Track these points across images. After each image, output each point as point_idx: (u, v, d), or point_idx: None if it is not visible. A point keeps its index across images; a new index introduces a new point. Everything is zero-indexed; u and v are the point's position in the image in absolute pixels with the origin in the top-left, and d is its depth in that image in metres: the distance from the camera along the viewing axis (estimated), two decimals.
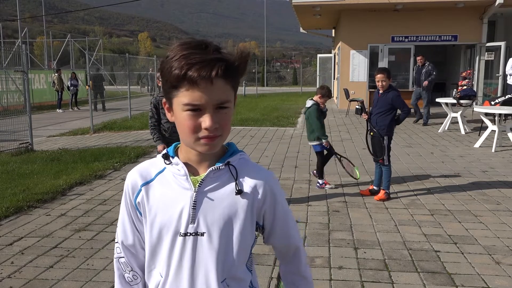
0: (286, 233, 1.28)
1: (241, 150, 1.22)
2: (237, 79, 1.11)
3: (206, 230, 1.13)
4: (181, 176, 1.15)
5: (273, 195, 1.20)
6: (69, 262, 3.74)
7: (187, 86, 1.04)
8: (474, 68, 16.16)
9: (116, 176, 6.75)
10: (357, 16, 16.05)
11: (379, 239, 4.16)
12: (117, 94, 24.65)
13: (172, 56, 1.05)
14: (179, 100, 1.07)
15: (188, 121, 1.06)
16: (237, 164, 1.18)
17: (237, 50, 1.09)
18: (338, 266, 3.60)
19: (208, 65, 1.02)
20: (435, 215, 4.81)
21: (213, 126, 1.06)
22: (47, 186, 5.96)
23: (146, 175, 1.19)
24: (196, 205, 1.13)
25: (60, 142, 10.24)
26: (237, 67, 1.08)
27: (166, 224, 1.14)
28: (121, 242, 1.25)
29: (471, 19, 15.57)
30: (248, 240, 1.20)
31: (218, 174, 1.16)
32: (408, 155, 8.08)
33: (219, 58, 1.04)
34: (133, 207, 1.20)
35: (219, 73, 1.03)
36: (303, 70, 43.91)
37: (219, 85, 1.05)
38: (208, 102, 1.05)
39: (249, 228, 1.18)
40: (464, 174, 6.62)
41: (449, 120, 11.00)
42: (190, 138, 1.08)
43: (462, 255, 3.79)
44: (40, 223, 4.71)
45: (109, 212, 5.06)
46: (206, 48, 1.05)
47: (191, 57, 1.03)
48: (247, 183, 1.17)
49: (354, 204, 5.25)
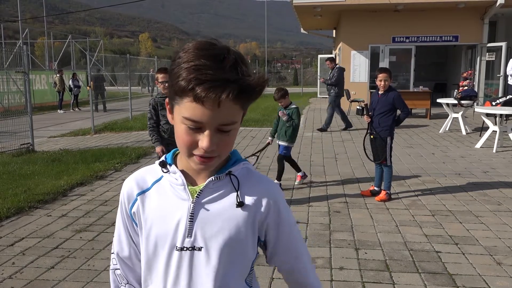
0: (292, 253, 1.17)
1: (244, 159, 1.13)
2: (249, 102, 1.00)
3: (203, 245, 1.05)
4: (179, 186, 1.07)
5: (277, 209, 1.11)
6: (70, 263, 3.74)
7: (191, 101, 0.93)
8: (475, 68, 16.16)
9: (117, 176, 6.76)
10: (358, 17, 16.05)
11: (380, 240, 4.15)
12: (118, 94, 24.66)
13: (184, 61, 0.94)
14: (180, 110, 0.97)
15: (185, 136, 0.97)
16: (239, 174, 1.09)
17: (257, 75, 0.98)
18: (339, 266, 3.60)
19: (220, 86, 0.91)
20: (436, 216, 4.81)
21: (210, 148, 0.96)
22: (48, 186, 5.97)
23: (142, 184, 1.11)
24: (193, 217, 1.05)
25: (61, 143, 10.25)
26: (252, 92, 0.96)
27: (162, 237, 1.06)
28: (116, 253, 1.19)
29: (472, 20, 15.57)
30: (249, 256, 1.11)
31: (218, 184, 1.07)
32: (409, 155, 8.07)
33: (233, 79, 0.92)
34: (129, 217, 1.13)
35: (230, 96, 0.91)
36: (304, 70, 43.88)
37: (226, 106, 0.93)
38: (209, 122, 0.94)
39: (251, 243, 1.10)
40: (465, 174, 6.62)
41: (450, 120, 10.99)
42: (185, 152, 1.01)
43: (463, 256, 3.78)
44: (41, 224, 4.72)
45: (110, 212, 5.06)
46: (222, 61, 0.93)
47: (202, 71, 0.91)
48: (249, 195, 1.08)
49: (355, 204, 5.24)
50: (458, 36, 15.85)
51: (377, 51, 16.33)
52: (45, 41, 28.92)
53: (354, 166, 7.23)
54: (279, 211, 1.12)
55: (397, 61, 16.42)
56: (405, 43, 16.15)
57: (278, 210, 1.11)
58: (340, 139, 10.04)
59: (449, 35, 15.91)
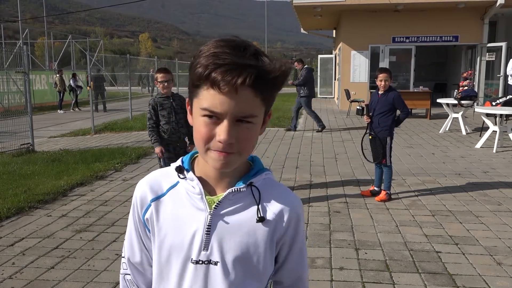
0: (296, 274, 1.13)
1: (267, 168, 1.07)
2: (271, 93, 0.95)
3: (219, 259, 1.00)
4: (196, 195, 1.01)
5: (296, 226, 1.06)
6: (70, 263, 3.74)
7: (208, 89, 0.90)
8: (475, 68, 16.16)
9: (117, 177, 6.76)
10: (358, 17, 16.05)
11: (380, 240, 4.15)
12: (118, 94, 24.66)
13: (204, 52, 0.91)
14: (198, 102, 0.93)
15: (203, 128, 0.93)
16: (261, 186, 1.03)
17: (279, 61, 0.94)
18: (339, 267, 3.60)
19: (237, 69, 0.88)
20: (436, 216, 4.81)
21: (228, 141, 0.91)
22: (48, 186, 5.97)
23: (157, 189, 1.06)
24: (210, 229, 1.00)
25: (61, 143, 10.25)
26: (272, 80, 0.92)
27: (177, 248, 1.02)
28: (127, 259, 1.14)
29: (472, 20, 15.57)
30: (267, 271, 1.06)
31: (238, 196, 1.01)
32: (409, 155, 8.07)
33: (253, 64, 0.89)
34: (141, 222, 1.08)
35: (247, 81, 0.87)
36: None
37: (245, 95, 0.90)
38: (227, 111, 0.90)
39: (269, 258, 1.04)
40: (465, 174, 6.62)
41: (450, 120, 10.99)
42: (202, 147, 0.95)
43: (463, 256, 3.78)
44: (41, 224, 4.72)
45: (110, 213, 5.06)
46: (243, 51, 0.90)
47: (221, 56, 0.88)
48: (270, 210, 1.03)
49: (355, 204, 5.24)
50: (458, 36, 15.85)
51: (377, 51, 16.33)
52: (45, 41, 28.94)
53: (354, 166, 7.23)
54: (297, 228, 1.07)
55: (397, 61, 16.43)
56: (405, 43, 16.16)
57: (296, 227, 1.07)
58: (340, 139, 10.04)
59: (449, 35, 15.91)
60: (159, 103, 4.61)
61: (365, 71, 16.49)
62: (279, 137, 10.39)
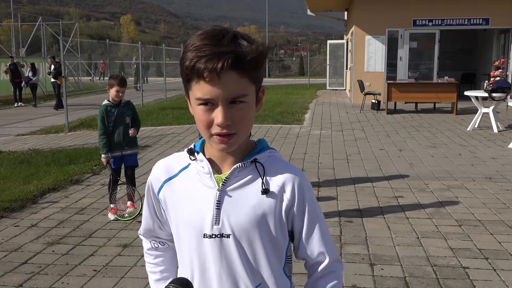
0: (317, 249, 1.30)
1: (272, 147, 1.31)
2: (254, 72, 1.17)
3: (231, 232, 1.22)
4: (205, 174, 1.25)
5: (302, 198, 1.26)
6: (41, 280, 3.74)
7: (197, 80, 1.14)
8: (508, 56, 16.18)
9: (95, 181, 6.77)
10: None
11: (398, 254, 4.17)
12: (96, 86, 24.68)
13: (188, 48, 1.15)
14: (193, 94, 1.17)
15: (203, 116, 1.16)
16: (265, 162, 1.26)
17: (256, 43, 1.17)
18: (351, 284, 3.61)
19: (215, 57, 1.10)
20: (463, 226, 4.82)
21: (225, 123, 1.14)
22: (15, 192, 5.97)
23: (170, 170, 1.31)
24: (220, 205, 1.23)
25: (30, 142, 10.26)
26: (251, 60, 1.14)
27: (190, 225, 1.25)
28: (143, 229, 1.43)
29: (505, 0, 15.58)
30: (281, 243, 1.27)
31: (243, 172, 1.24)
32: (432, 156, 8.09)
33: (229, 50, 1.11)
34: (157, 200, 1.33)
35: (225, 66, 1.10)
36: (310, 58, 43.84)
37: (230, 78, 1.12)
38: (218, 96, 1.13)
39: (280, 230, 1.25)
40: (497, 178, 6.63)
41: (480, 116, 11.01)
42: (206, 133, 1.18)
43: (494, 272, 3.80)
44: (7, 235, 4.72)
45: (87, 222, 5.07)
46: (222, 38, 1.13)
47: (202, 49, 1.11)
48: (274, 182, 1.25)
49: (370, 213, 5.26)
50: (489, 19, 15.87)
51: (396, 36, 16.34)
52: (12, 24, 28.91)
53: (368, 169, 7.25)
54: (304, 200, 1.27)
55: (418, 47, 16.45)
56: (428, 26, 16.17)
57: (303, 199, 1.26)
58: (352, 137, 10.06)
59: (478, 18, 15.93)
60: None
61: (381, 59, 16.51)
62: (282, 135, 10.41)
